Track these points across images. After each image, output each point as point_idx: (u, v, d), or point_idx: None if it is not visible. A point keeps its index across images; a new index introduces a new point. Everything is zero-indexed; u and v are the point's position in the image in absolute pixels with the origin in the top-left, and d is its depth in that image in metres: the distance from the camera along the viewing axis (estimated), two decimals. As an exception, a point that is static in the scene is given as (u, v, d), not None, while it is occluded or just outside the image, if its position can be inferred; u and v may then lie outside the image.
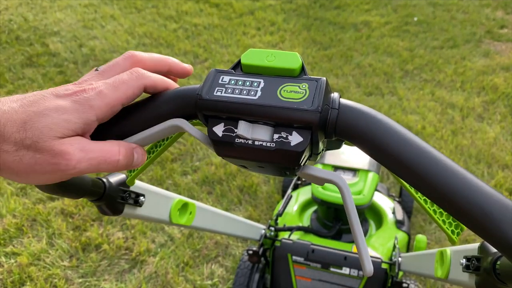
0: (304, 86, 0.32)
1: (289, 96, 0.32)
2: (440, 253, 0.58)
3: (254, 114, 0.32)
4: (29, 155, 0.31)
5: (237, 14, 3.70)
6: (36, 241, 1.66)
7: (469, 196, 0.27)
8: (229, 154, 0.33)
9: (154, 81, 0.36)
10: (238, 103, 0.32)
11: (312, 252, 1.13)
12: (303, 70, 0.33)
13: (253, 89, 0.33)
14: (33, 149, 0.31)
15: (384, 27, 3.45)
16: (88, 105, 0.32)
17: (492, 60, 2.94)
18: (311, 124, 0.31)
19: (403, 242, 1.33)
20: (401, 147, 0.30)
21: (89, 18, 3.58)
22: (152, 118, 0.36)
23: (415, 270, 0.83)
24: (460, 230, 0.36)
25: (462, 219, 0.28)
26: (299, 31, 3.42)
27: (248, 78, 0.33)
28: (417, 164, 0.29)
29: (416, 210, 1.80)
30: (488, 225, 0.27)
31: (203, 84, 0.34)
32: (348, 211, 0.32)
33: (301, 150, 0.31)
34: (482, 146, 2.14)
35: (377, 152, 0.30)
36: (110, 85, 0.34)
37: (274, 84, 0.33)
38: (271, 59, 0.33)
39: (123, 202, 0.57)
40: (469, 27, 3.39)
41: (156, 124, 0.36)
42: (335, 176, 0.33)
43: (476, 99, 2.52)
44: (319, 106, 0.31)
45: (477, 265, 0.45)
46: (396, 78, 2.76)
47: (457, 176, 0.28)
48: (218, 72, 0.35)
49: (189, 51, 3.14)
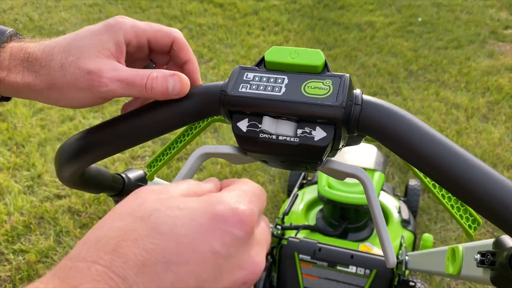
0: (328, 82, 0.33)
1: (313, 92, 0.32)
2: (452, 250, 0.59)
3: (279, 109, 0.33)
4: (71, 70, 0.36)
5: (241, 14, 3.70)
6: (44, 239, 1.67)
7: (490, 189, 0.28)
8: (253, 149, 0.34)
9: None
10: (263, 99, 0.33)
11: (319, 250, 1.14)
12: (326, 67, 0.34)
13: (278, 86, 0.33)
14: (74, 65, 0.36)
15: (388, 27, 3.45)
16: (118, 26, 0.38)
17: (496, 60, 2.94)
18: (335, 119, 0.32)
19: (409, 241, 1.34)
20: (423, 141, 0.30)
21: (94, 18, 3.59)
22: (178, 113, 0.37)
23: (423, 268, 0.84)
24: (477, 224, 0.37)
25: (482, 211, 0.29)
26: (303, 31, 3.43)
27: (272, 74, 0.34)
28: (438, 158, 0.30)
29: (421, 210, 1.81)
30: (508, 216, 0.28)
31: (228, 80, 0.35)
32: (371, 205, 0.33)
33: (324, 145, 0.32)
34: (487, 147, 2.14)
35: (399, 147, 0.31)
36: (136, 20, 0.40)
37: (298, 80, 0.33)
38: (294, 56, 0.34)
39: None
40: (473, 27, 3.39)
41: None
42: (358, 170, 0.34)
43: (480, 99, 2.52)
44: (343, 102, 0.31)
45: (492, 260, 0.46)
46: (401, 78, 2.76)
47: (478, 170, 0.29)
48: (243, 69, 0.35)
49: (193, 51, 3.12)
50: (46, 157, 2.06)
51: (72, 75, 0.36)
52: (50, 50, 0.37)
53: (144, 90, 0.36)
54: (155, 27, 0.40)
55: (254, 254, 0.24)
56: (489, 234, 1.71)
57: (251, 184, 0.27)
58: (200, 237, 0.21)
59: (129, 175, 0.56)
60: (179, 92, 0.37)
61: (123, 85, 0.36)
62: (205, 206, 0.23)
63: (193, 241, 0.21)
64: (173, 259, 0.20)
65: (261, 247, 0.25)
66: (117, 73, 0.36)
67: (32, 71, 0.36)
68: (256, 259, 0.23)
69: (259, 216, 0.26)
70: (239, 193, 0.25)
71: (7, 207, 1.79)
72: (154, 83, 0.36)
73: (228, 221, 0.22)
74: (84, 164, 0.43)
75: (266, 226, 0.28)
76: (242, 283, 0.23)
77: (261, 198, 0.27)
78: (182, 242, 0.21)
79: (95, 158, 0.42)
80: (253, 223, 0.23)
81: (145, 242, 0.21)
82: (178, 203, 0.23)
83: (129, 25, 0.38)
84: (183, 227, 0.21)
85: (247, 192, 0.26)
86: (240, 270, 0.23)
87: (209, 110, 0.37)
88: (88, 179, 0.47)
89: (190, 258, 0.21)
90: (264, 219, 0.28)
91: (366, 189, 0.34)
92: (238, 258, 0.23)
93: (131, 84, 0.36)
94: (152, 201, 0.23)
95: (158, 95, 0.37)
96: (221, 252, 0.22)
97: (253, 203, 0.25)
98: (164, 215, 0.22)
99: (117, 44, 0.37)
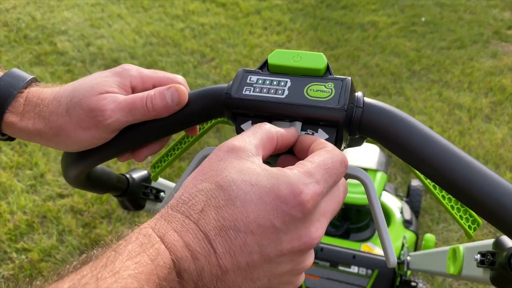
0: (330, 85, 0.33)
1: (316, 95, 0.33)
2: (453, 250, 0.59)
3: (282, 112, 0.33)
4: (75, 112, 0.37)
5: (244, 14, 3.71)
6: (47, 238, 1.67)
7: (489, 191, 0.29)
8: None
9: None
10: (267, 101, 0.33)
11: (320, 250, 1.14)
12: (328, 70, 0.34)
13: (281, 88, 0.34)
14: (78, 107, 0.37)
15: (391, 27, 3.45)
16: (125, 72, 0.39)
17: (499, 61, 2.93)
18: (337, 121, 0.32)
19: (411, 242, 1.34)
20: (423, 144, 0.31)
21: (96, 17, 3.60)
22: (183, 115, 0.38)
23: (425, 268, 0.84)
24: (477, 225, 0.37)
25: (481, 212, 0.30)
26: (305, 31, 3.43)
27: (275, 77, 0.35)
28: (438, 161, 0.30)
29: (423, 210, 1.81)
30: (506, 218, 0.28)
31: (232, 83, 0.35)
32: (373, 206, 0.34)
33: None
34: (489, 147, 2.14)
35: (400, 149, 0.32)
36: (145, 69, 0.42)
37: (301, 83, 0.34)
38: (297, 59, 0.35)
39: (144, 197, 0.58)
40: (477, 27, 3.38)
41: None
42: (360, 172, 0.34)
43: (483, 99, 2.52)
44: (345, 104, 0.32)
45: (492, 260, 0.46)
46: (403, 79, 2.76)
47: (477, 172, 0.29)
48: (246, 72, 0.36)
49: (196, 51, 3.16)
50: (48, 156, 2.07)
51: (77, 117, 0.37)
52: (59, 95, 0.38)
53: (146, 110, 0.37)
54: (160, 73, 0.41)
55: (314, 230, 0.28)
56: (491, 235, 1.71)
57: (329, 155, 0.29)
58: (264, 214, 0.26)
59: (134, 176, 0.56)
60: (179, 102, 0.38)
61: (125, 112, 0.37)
62: (272, 185, 0.26)
63: (258, 217, 0.26)
64: (241, 229, 0.26)
65: (323, 221, 0.28)
66: (118, 103, 0.37)
67: (42, 118, 0.38)
68: (313, 234, 0.27)
69: (329, 189, 0.29)
70: (310, 170, 0.28)
71: (10, 206, 1.80)
72: (154, 100, 0.37)
73: (289, 204, 0.26)
74: (90, 165, 0.43)
75: (337, 193, 0.30)
76: (299, 250, 0.27)
77: (335, 172, 0.29)
78: (249, 217, 0.26)
79: (101, 159, 0.42)
80: (314, 203, 0.27)
81: (223, 211, 0.26)
82: (251, 178, 0.27)
83: (136, 71, 0.40)
84: (252, 204, 0.26)
85: (321, 166, 0.28)
86: (298, 241, 0.27)
87: (214, 112, 0.37)
88: (93, 180, 0.47)
89: (254, 230, 0.26)
90: (341, 184, 0.31)
91: (367, 190, 0.34)
92: (296, 232, 0.27)
93: (133, 109, 0.37)
94: (232, 170, 0.28)
95: (161, 110, 0.37)
96: (280, 228, 0.26)
97: (320, 182, 0.28)
98: (239, 189, 0.27)
99: (123, 87, 0.39)
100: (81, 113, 0.37)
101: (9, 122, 0.38)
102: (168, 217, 0.27)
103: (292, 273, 0.28)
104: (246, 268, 0.26)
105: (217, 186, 0.27)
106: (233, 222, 0.26)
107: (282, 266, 0.27)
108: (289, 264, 0.28)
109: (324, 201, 0.29)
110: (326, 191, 0.28)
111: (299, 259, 0.28)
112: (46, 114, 0.38)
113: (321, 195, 0.28)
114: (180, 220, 0.27)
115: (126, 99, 0.37)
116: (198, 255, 0.26)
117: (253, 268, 0.26)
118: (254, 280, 0.27)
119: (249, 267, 0.26)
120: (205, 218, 0.26)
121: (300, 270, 0.29)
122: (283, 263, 0.27)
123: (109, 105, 0.37)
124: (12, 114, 0.38)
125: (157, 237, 0.26)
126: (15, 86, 0.38)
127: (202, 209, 0.26)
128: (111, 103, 0.37)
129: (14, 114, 0.38)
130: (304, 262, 0.29)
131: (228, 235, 0.26)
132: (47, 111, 0.38)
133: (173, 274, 0.25)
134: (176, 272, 0.26)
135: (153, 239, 0.26)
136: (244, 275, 0.26)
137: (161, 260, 0.25)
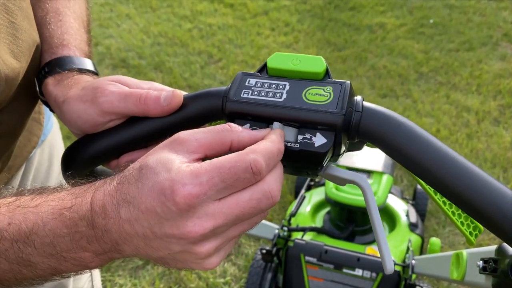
0: (329, 89, 0.33)
1: (314, 99, 0.33)
2: (456, 255, 0.59)
3: (279, 115, 0.33)
4: (85, 89, 0.43)
5: (252, 15, 3.71)
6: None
7: (489, 198, 0.28)
8: None
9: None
10: (265, 104, 0.33)
11: (325, 252, 1.14)
12: (327, 74, 0.34)
13: (279, 92, 0.34)
14: (90, 84, 0.43)
15: (399, 29, 3.43)
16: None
17: (509, 63, 2.90)
18: (335, 126, 0.32)
19: (417, 245, 1.33)
20: (422, 149, 0.30)
21: (105, 17, 3.62)
22: (181, 117, 0.38)
23: (429, 273, 0.83)
24: (478, 232, 0.37)
25: (481, 220, 0.29)
26: (313, 32, 3.42)
27: (274, 81, 0.35)
28: (437, 166, 0.30)
29: (429, 214, 1.79)
30: (506, 226, 0.28)
31: (230, 86, 0.35)
32: (370, 211, 0.33)
33: (324, 151, 0.32)
34: (497, 150, 2.12)
35: (398, 154, 0.31)
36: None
37: (299, 87, 0.34)
38: (296, 62, 0.35)
39: None
40: (486, 29, 3.35)
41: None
42: (358, 177, 0.34)
43: (492, 102, 2.49)
44: (343, 108, 0.32)
45: (494, 267, 0.46)
46: (411, 81, 2.74)
47: (477, 179, 0.29)
48: (245, 74, 0.36)
49: (203, 51, 3.16)
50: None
51: (83, 91, 0.43)
52: (89, 84, 0.43)
53: (137, 101, 0.39)
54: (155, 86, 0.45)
55: (190, 225, 0.30)
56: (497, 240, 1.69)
57: (236, 159, 0.30)
58: (149, 200, 0.30)
59: None
60: (170, 103, 0.38)
61: (121, 97, 0.40)
62: (164, 178, 0.30)
63: (146, 201, 0.30)
64: (136, 206, 0.31)
65: (208, 220, 0.30)
66: (119, 88, 0.41)
67: (64, 86, 0.45)
68: (190, 228, 0.30)
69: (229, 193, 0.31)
70: (199, 171, 0.30)
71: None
72: (148, 94, 0.39)
73: (166, 197, 0.30)
74: (90, 166, 0.43)
75: (245, 199, 0.31)
76: (180, 238, 0.30)
77: (231, 177, 0.30)
78: (142, 199, 0.31)
79: (101, 161, 0.43)
80: (188, 203, 0.29)
81: (130, 188, 0.31)
82: (159, 168, 0.31)
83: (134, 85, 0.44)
84: (146, 189, 0.31)
85: (214, 169, 0.30)
86: (176, 230, 0.30)
87: (212, 114, 0.37)
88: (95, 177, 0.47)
89: (144, 210, 0.30)
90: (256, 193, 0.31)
91: (366, 196, 0.34)
92: (174, 222, 0.30)
93: (127, 97, 0.40)
94: (156, 157, 0.31)
95: (151, 105, 0.39)
96: (161, 215, 0.30)
97: (204, 185, 0.29)
98: (145, 174, 0.31)
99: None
100: (89, 89, 0.42)
101: (46, 83, 0.47)
102: (110, 180, 0.33)
103: (188, 255, 0.32)
104: (143, 237, 0.31)
105: (139, 166, 0.32)
106: (132, 199, 0.31)
107: (173, 246, 0.31)
108: (179, 246, 0.31)
109: (216, 203, 0.30)
110: (216, 194, 0.30)
111: (188, 246, 0.31)
112: (70, 84, 0.45)
113: (200, 197, 0.29)
114: (112, 186, 0.32)
115: (127, 89, 0.41)
116: (109, 214, 0.31)
117: (148, 239, 0.31)
118: (156, 249, 0.32)
119: (145, 238, 0.31)
120: (121, 189, 0.32)
121: (197, 255, 0.32)
122: (172, 244, 0.31)
123: (111, 88, 0.41)
124: (53, 79, 0.46)
125: (91, 192, 0.33)
126: (72, 64, 0.47)
127: (124, 182, 0.32)
128: (113, 87, 0.41)
129: (54, 79, 0.46)
130: (194, 249, 0.31)
131: (128, 208, 0.31)
132: (73, 83, 0.45)
133: (84, 222, 0.32)
134: (87, 221, 0.32)
135: (88, 193, 0.33)
136: (145, 242, 0.31)
137: (78, 206, 0.32)
